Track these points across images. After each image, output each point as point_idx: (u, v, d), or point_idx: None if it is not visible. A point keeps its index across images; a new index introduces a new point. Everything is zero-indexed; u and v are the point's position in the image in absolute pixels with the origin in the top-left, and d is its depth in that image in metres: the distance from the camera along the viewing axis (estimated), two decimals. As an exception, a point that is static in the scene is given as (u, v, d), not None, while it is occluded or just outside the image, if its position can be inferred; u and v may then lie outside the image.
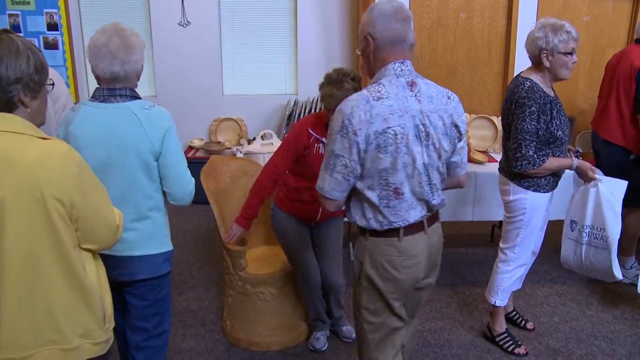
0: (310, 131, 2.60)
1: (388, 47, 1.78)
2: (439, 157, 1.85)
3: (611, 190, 2.63)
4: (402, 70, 1.78)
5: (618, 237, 2.62)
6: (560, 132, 2.55)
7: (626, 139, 3.42)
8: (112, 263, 1.90)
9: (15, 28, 5.18)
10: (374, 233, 1.85)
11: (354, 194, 1.85)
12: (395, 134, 1.72)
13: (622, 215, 3.76)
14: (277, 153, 2.63)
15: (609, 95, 3.51)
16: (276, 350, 2.89)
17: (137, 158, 1.92)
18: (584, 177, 2.68)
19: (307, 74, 5.40)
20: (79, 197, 1.43)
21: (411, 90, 1.78)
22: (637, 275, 3.57)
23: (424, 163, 1.80)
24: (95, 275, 1.56)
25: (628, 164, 3.45)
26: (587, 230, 2.67)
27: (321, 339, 2.91)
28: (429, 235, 1.92)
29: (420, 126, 1.77)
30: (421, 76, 1.85)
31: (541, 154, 2.54)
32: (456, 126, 1.87)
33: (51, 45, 5.27)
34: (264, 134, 3.75)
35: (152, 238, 2.04)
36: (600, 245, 2.65)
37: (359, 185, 1.80)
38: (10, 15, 5.19)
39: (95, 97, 1.96)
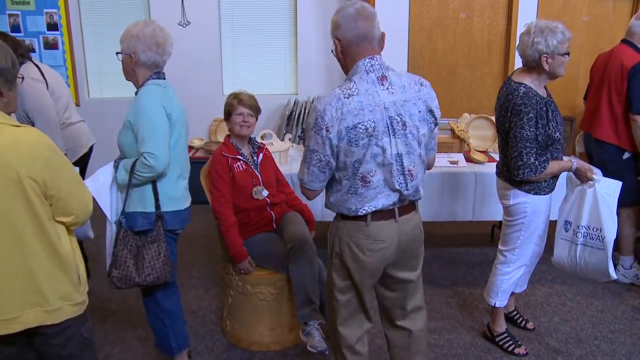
0: (225, 154, 2.86)
1: (355, 46, 1.89)
2: (419, 144, 1.95)
3: (607, 191, 2.63)
4: (372, 65, 1.89)
5: (614, 237, 2.62)
6: (557, 134, 2.54)
7: (619, 138, 3.45)
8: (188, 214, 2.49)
9: (15, 28, 5.18)
10: (345, 217, 2.00)
11: (329, 181, 2.00)
12: (366, 129, 1.84)
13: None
14: (216, 186, 2.82)
15: (600, 96, 3.52)
16: (276, 350, 2.89)
17: None
18: (582, 178, 2.67)
19: (307, 74, 5.40)
20: (49, 176, 1.61)
21: (382, 84, 1.88)
22: (637, 274, 3.58)
23: (397, 153, 1.90)
24: (69, 245, 1.73)
25: (622, 163, 3.47)
26: (582, 231, 2.66)
27: (316, 335, 2.64)
28: (400, 224, 2.00)
29: (396, 117, 1.87)
30: (392, 68, 1.94)
31: (542, 159, 2.52)
32: (431, 111, 1.97)
33: (51, 45, 5.27)
34: (264, 134, 3.75)
35: None
36: (596, 246, 2.64)
37: (335, 174, 1.95)
38: (10, 15, 5.19)
39: (161, 79, 2.39)
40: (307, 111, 5.05)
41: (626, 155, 3.47)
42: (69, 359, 1.77)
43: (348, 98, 1.83)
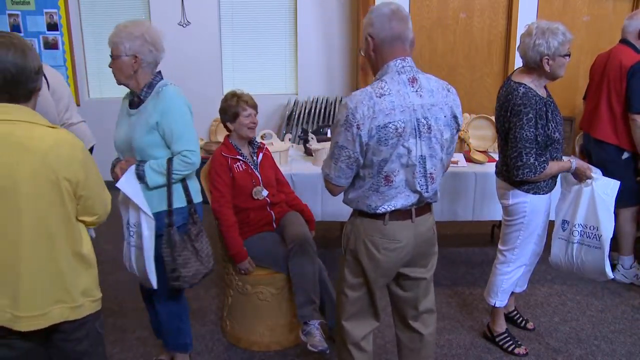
0: (224, 155, 2.85)
1: (387, 45, 1.89)
2: (442, 148, 1.96)
3: (605, 190, 2.64)
4: (403, 67, 1.89)
5: (611, 235, 2.64)
6: (557, 134, 2.54)
7: (619, 138, 3.46)
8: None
9: (15, 28, 5.18)
10: (363, 214, 2.00)
11: None
12: (396, 129, 1.84)
13: (614, 214, 3.77)
14: (215, 187, 2.83)
15: (599, 96, 3.53)
16: (276, 350, 2.89)
17: None
18: (581, 177, 2.67)
19: (307, 74, 5.40)
20: (83, 177, 1.67)
21: (412, 86, 1.88)
22: (637, 274, 3.58)
23: (421, 155, 1.90)
24: (90, 243, 1.78)
25: (621, 163, 3.48)
26: (579, 230, 2.67)
27: (316, 334, 2.63)
28: (416, 225, 2.01)
29: (422, 120, 1.88)
30: (422, 71, 1.94)
31: (542, 160, 2.52)
32: (455, 117, 1.98)
33: (51, 45, 5.27)
34: (264, 134, 3.75)
35: None
36: (593, 244, 2.65)
37: (360, 171, 1.94)
38: (10, 15, 5.19)
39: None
40: (307, 111, 5.06)
41: (625, 155, 3.47)
42: (84, 354, 1.81)
43: (380, 97, 1.83)
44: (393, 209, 1.94)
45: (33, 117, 1.64)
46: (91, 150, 3.46)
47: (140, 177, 2.29)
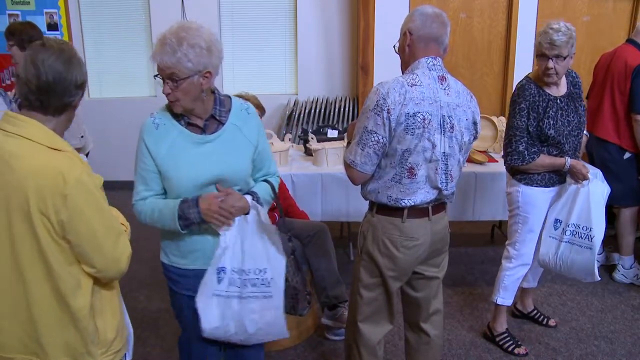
0: None
1: (423, 44, 1.94)
2: (460, 149, 1.99)
3: (598, 192, 2.65)
4: (434, 65, 1.93)
5: (602, 238, 2.64)
6: (552, 131, 2.55)
7: (620, 137, 3.45)
8: None
9: (15, 28, 5.18)
10: (381, 210, 2.00)
11: None
12: (424, 119, 1.87)
13: (614, 214, 3.77)
14: None
15: (603, 95, 3.53)
16: (276, 350, 2.89)
17: None
18: (577, 176, 2.64)
19: (307, 74, 5.40)
20: (67, 217, 1.36)
21: (441, 84, 1.92)
22: (637, 274, 3.58)
23: (444, 152, 1.93)
24: (88, 299, 1.47)
25: (622, 162, 3.47)
26: (571, 229, 2.67)
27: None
28: (433, 222, 2.02)
29: (447, 117, 1.91)
30: (450, 73, 1.98)
31: (532, 150, 2.58)
32: (475, 123, 2.02)
33: (51, 45, 5.27)
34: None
35: None
36: (584, 245, 2.65)
37: (381, 161, 1.94)
38: (10, 15, 5.19)
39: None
40: (307, 111, 5.06)
41: (627, 155, 3.47)
42: None
43: (412, 87, 1.87)
44: (413, 204, 1.95)
45: (38, 135, 1.38)
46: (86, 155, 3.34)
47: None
